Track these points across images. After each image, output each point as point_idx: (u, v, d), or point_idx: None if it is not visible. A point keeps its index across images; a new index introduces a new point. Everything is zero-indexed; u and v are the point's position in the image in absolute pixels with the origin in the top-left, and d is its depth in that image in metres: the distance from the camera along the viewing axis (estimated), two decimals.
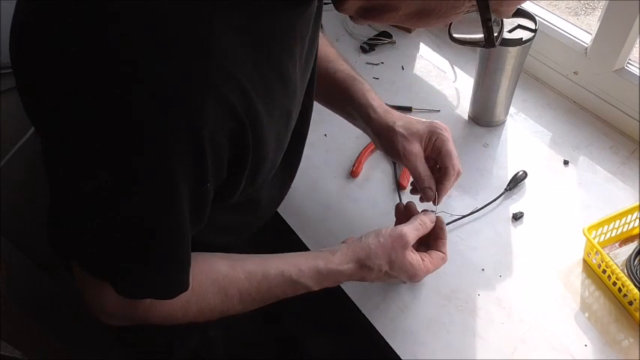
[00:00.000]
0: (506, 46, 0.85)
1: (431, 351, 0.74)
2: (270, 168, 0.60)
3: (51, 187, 0.53)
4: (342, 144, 0.98)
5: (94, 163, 0.46)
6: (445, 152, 0.75)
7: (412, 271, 0.70)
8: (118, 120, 0.43)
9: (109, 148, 0.45)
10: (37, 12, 0.46)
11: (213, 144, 0.47)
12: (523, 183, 0.90)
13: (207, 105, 0.44)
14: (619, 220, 0.80)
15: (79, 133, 0.45)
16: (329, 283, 0.70)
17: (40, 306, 1.19)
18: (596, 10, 1.62)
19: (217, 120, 0.46)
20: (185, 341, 0.82)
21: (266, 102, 0.51)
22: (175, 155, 0.46)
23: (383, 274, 0.70)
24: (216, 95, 0.45)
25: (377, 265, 0.69)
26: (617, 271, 0.74)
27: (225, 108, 0.46)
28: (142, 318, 0.61)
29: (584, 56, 0.96)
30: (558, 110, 1.02)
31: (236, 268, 0.65)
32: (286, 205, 0.83)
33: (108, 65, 0.42)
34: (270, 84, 0.51)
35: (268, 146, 0.55)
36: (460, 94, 1.06)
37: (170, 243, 0.53)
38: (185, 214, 0.51)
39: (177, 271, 0.56)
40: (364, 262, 0.69)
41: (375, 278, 0.71)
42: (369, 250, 0.69)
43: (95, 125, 0.44)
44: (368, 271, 0.70)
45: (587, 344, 0.73)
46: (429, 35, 1.18)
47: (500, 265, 0.82)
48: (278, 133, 0.57)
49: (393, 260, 0.69)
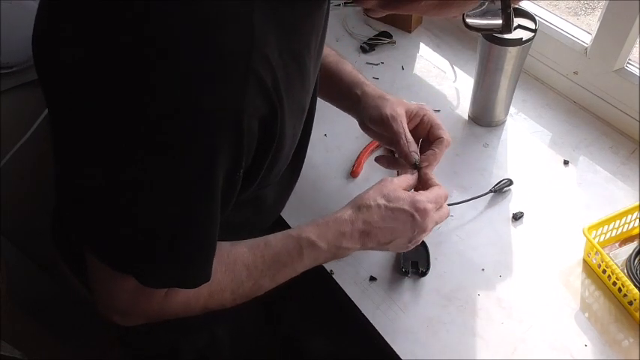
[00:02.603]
0: (506, 46, 0.85)
1: (431, 351, 0.74)
2: (284, 162, 0.60)
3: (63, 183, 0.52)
4: (342, 144, 0.98)
5: (135, 150, 0.46)
6: (436, 124, 0.77)
7: (410, 199, 0.68)
8: (160, 104, 0.43)
9: (151, 133, 0.45)
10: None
11: (249, 128, 0.47)
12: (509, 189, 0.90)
13: (250, 86, 0.45)
14: (619, 220, 0.80)
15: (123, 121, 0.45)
16: (333, 236, 0.67)
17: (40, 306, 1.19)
18: (596, 10, 1.62)
19: (256, 102, 0.46)
20: (191, 341, 0.81)
21: (288, 93, 0.51)
22: (218, 138, 0.46)
23: (384, 210, 0.67)
24: (257, 77, 0.45)
25: (372, 200, 0.68)
26: (617, 271, 0.74)
27: (262, 90, 0.46)
28: (157, 312, 0.60)
29: (584, 56, 0.96)
30: (558, 110, 1.02)
31: (238, 243, 0.65)
32: (286, 205, 0.83)
33: (149, 51, 0.42)
34: (291, 76, 0.51)
35: (286, 139, 0.55)
36: (460, 94, 1.06)
37: (201, 231, 0.53)
38: (218, 201, 0.51)
39: (205, 259, 0.56)
40: (359, 203, 0.69)
41: (379, 219, 0.67)
42: (360, 194, 0.70)
43: (139, 110, 0.44)
44: (367, 209, 0.67)
45: (587, 344, 0.73)
46: (429, 35, 1.18)
47: (500, 265, 0.82)
48: (294, 127, 0.57)
49: (385, 193, 0.68)
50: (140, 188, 0.48)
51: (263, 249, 0.65)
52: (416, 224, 0.68)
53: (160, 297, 0.59)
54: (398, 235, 0.69)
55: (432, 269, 0.80)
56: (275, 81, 0.48)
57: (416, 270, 0.80)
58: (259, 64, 0.45)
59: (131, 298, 0.57)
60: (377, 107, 0.77)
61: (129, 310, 0.59)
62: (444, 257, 0.83)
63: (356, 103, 0.80)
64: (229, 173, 0.50)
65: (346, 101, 0.82)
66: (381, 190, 0.69)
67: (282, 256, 0.66)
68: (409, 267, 0.80)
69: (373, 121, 0.78)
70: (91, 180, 0.49)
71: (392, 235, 0.69)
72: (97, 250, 0.55)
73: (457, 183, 0.91)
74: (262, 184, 0.59)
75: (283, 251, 0.66)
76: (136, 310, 0.60)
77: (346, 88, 0.81)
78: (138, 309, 0.59)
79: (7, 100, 1.04)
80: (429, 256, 0.81)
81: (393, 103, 0.77)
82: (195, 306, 0.62)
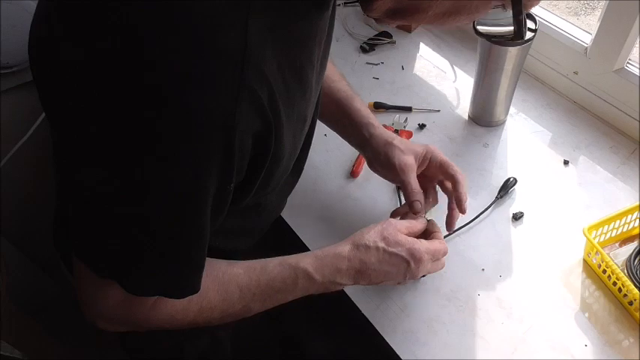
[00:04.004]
0: (506, 46, 0.85)
1: (431, 351, 0.74)
2: (282, 173, 0.60)
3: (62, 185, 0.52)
4: (342, 144, 0.98)
5: (123, 162, 0.45)
6: (446, 163, 0.78)
7: (409, 244, 0.69)
8: (150, 118, 0.43)
9: (140, 145, 0.44)
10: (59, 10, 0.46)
11: (242, 144, 0.47)
12: (514, 189, 0.90)
13: (242, 102, 0.44)
14: (619, 220, 0.80)
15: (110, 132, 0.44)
16: (329, 271, 0.68)
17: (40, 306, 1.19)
18: (596, 10, 1.62)
19: (248, 119, 0.46)
20: (194, 344, 0.81)
21: (286, 105, 0.51)
22: (208, 152, 0.45)
23: (382, 254, 0.69)
24: (250, 92, 0.45)
25: (372, 242, 0.69)
26: (617, 271, 0.74)
27: (256, 106, 0.46)
28: (142, 321, 0.60)
29: (584, 56, 0.96)
30: (558, 110, 1.02)
31: (235, 264, 0.65)
32: (286, 205, 0.83)
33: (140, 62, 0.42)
34: (291, 87, 0.51)
35: (285, 150, 0.55)
36: (460, 94, 1.06)
37: (189, 242, 0.53)
38: (207, 214, 0.51)
39: (192, 270, 0.56)
40: (358, 241, 0.69)
41: (375, 261, 0.69)
42: (362, 231, 0.70)
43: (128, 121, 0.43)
44: (365, 249, 0.69)
45: (587, 344, 0.73)
46: (429, 35, 1.18)
47: (501, 265, 0.82)
48: (294, 137, 0.57)
49: (385, 236, 0.69)
50: (130, 195, 0.47)
51: (259, 273, 0.65)
52: (409, 270, 0.70)
53: (146, 307, 0.59)
54: (390, 278, 0.71)
55: None
56: (271, 96, 0.47)
57: None
58: (253, 80, 0.44)
59: (116, 306, 0.57)
60: (386, 155, 0.78)
61: (113, 317, 0.59)
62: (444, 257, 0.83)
63: (364, 144, 0.81)
64: (219, 187, 0.49)
65: (354, 139, 0.83)
66: (382, 232, 0.70)
67: (276, 283, 0.66)
68: None
69: (382, 167, 0.79)
70: (82, 184, 0.49)
71: (385, 277, 0.70)
72: (83, 255, 0.54)
73: None
74: (261, 193, 0.59)
75: (278, 278, 0.66)
76: (120, 318, 0.59)
77: (355, 128, 0.81)
78: (123, 316, 0.59)
79: (7, 100, 1.04)
80: None
81: (402, 152, 0.77)
82: (182, 320, 0.62)
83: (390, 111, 1.03)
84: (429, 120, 1.01)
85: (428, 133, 1.00)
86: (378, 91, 1.06)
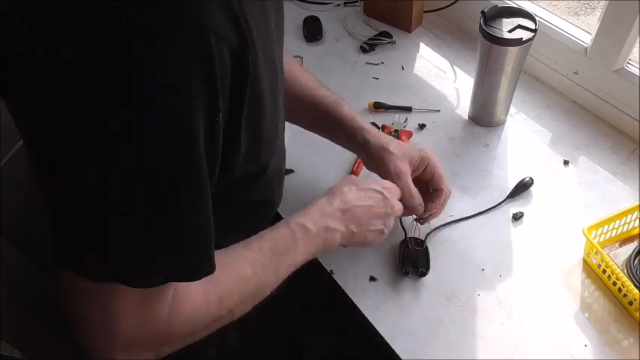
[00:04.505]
0: (506, 46, 0.85)
1: (431, 351, 0.74)
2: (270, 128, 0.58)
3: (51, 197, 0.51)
4: None
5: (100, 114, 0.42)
6: (438, 175, 0.81)
7: (374, 181, 0.75)
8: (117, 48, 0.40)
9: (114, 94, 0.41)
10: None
11: (220, 55, 0.43)
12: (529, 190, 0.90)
13: (206, 2, 0.42)
14: (619, 220, 0.80)
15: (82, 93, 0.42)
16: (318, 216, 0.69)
17: (40, 306, 1.19)
18: (596, 10, 1.63)
19: (221, 22, 0.43)
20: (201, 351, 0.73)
21: (260, 33, 0.48)
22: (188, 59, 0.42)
23: (356, 191, 0.72)
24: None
25: (343, 186, 0.73)
26: (617, 271, 0.74)
27: (228, 11, 0.44)
28: (164, 332, 0.54)
29: (584, 56, 0.96)
30: (558, 110, 1.02)
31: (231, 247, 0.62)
32: (286, 205, 0.83)
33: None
34: (256, 16, 0.49)
35: (264, 89, 0.52)
36: (460, 94, 1.06)
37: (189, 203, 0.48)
38: (202, 158, 0.47)
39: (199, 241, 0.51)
40: (332, 190, 0.73)
41: (353, 197, 0.72)
42: (330, 187, 0.74)
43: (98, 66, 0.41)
44: (340, 193, 0.72)
45: (587, 344, 0.73)
46: (429, 35, 1.18)
47: (501, 265, 0.82)
48: (270, 81, 0.54)
49: (352, 180, 0.75)
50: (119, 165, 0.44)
51: (259, 242, 0.64)
52: (386, 202, 0.73)
53: (164, 310, 0.52)
54: (375, 213, 0.73)
55: (432, 269, 0.80)
56: (244, 12, 0.45)
57: (416, 270, 0.80)
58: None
59: (133, 320, 0.51)
60: (381, 161, 0.79)
61: (133, 338, 0.52)
62: (444, 257, 0.83)
63: (359, 149, 0.82)
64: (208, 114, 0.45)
65: (349, 146, 0.84)
66: (347, 179, 0.75)
67: (278, 246, 0.65)
68: (409, 267, 0.80)
69: (378, 172, 0.81)
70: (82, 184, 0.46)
71: (369, 212, 0.72)
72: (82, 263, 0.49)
73: (457, 183, 0.91)
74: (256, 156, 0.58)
75: (278, 239, 0.65)
76: (140, 333, 0.52)
77: (348, 135, 0.82)
78: (142, 330, 0.52)
79: None
80: (429, 256, 0.81)
81: (397, 158, 0.78)
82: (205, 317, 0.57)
83: (390, 111, 1.03)
84: (429, 120, 1.01)
85: (428, 133, 1.00)
86: (378, 91, 1.06)
